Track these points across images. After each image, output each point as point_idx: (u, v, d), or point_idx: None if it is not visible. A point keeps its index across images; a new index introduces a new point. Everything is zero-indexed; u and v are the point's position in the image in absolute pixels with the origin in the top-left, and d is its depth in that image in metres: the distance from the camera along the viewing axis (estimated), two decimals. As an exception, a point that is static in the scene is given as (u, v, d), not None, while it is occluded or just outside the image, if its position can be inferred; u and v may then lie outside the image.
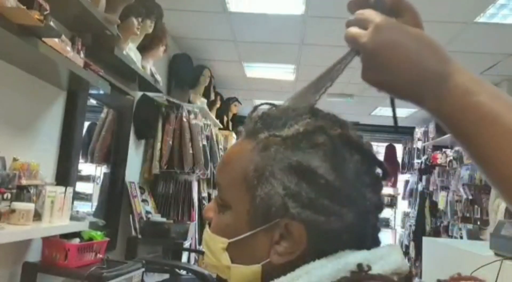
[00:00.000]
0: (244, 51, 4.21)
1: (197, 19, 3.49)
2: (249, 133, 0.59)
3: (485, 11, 2.99)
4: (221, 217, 0.60)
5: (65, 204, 1.92)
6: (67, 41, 1.81)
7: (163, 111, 3.45)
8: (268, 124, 0.57)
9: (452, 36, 3.46)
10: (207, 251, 0.61)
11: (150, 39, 2.89)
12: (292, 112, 0.57)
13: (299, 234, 0.52)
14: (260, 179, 0.54)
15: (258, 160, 0.55)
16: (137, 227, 3.03)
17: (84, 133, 2.66)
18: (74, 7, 1.86)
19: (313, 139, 0.54)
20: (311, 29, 3.51)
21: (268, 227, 0.54)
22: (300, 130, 0.54)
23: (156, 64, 3.15)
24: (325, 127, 0.55)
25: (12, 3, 1.41)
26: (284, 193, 0.52)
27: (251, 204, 0.55)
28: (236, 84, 5.45)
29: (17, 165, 1.77)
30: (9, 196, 1.65)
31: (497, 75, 4.37)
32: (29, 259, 2.02)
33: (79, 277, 1.95)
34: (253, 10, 3.23)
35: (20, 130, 1.95)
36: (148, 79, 2.86)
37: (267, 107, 0.61)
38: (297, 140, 0.54)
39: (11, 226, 1.61)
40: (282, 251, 0.54)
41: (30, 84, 1.98)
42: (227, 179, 0.59)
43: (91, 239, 2.12)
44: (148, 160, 3.42)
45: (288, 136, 0.54)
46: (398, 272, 0.52)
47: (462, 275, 0.53)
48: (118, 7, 2.22)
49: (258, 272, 0.56)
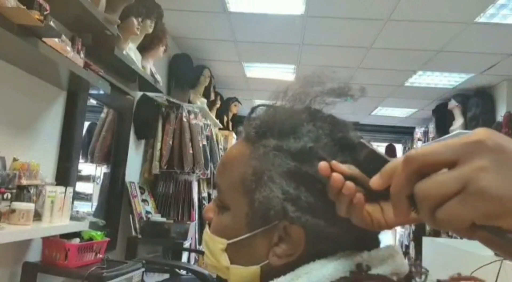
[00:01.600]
0: (244, 51, 4.21)
1: (197, 19, 3.49)
2: (247, 137, 0.58)
3: (485, 11, 2.99)
4: (220, 218, 0.60)
5: (65, 204, 1.92)
6: (67, 41, 1.81)
7: (163, 111, 3.45)
8: (266, 128, 0.56)
9: (452, 36, 3.45)
10: (206, 252, 0.61)
11: (150, 39, 2.89)
12: (292, 117, 0.56)
13: (298, 237, 0.52)
14: (259, 183, 0.54)
15: (257, 164, 0.54)
16: (137, 227, 3.03)
17: (84, 133, 2.66)
18: (74, 7, 1.86)
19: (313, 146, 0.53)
20: (311, 29, 3.51)
21: (267, 229, 0.54)
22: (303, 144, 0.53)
23: (156, 64, 3.15)
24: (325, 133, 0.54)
25: (12, 3, 1.41)
26: (283, 197, 0.52)
27: (249, 207, 0.55)
28: (236, 84, 5.44)
29: (17, 165, 1.77)
30: (9, 196, 1.65)
31: (497, 75, 4.37)
32: (29, 259, 2.02)
33: (79, 277, 1.95)
34: (253, 10, 3.23)
35: (20, 130, 1.95)
36: (148, 79, 2.86)
37: (265, 109, 0.60)
38: (299, 152, 0.53)
39: (11, 226, 1.61)
40: (281, 253, 0.53)
41: (30, 84, 1.98)
42: (226, 182, 0.59)
43: (91, 239, 2.12)
44: (148, 160, 3.42)
45: (290, 146, 0.53)
46: (397, 272, 0.52)
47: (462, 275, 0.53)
48: (118, 7, 2.22)
49: (257, 273, 0.56)
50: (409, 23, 3.29)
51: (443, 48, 3.73)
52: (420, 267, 0.52)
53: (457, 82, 4.75)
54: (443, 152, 0.36)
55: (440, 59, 4.00)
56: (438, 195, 0.35)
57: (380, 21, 3.28)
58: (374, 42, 3.71)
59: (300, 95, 0.58)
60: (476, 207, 0.33)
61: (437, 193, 0.35)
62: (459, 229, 0.35)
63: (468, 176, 0.33)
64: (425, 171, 0.36)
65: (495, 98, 4.73)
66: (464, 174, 0.34)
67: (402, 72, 4.54)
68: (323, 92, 0.58)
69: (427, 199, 0.35)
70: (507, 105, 4.46)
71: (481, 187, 0.33)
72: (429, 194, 0.35)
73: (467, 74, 4.44)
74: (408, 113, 6.44)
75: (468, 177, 0.33)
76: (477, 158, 0.34)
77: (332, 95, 0.57)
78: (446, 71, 4.46)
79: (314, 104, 0.58)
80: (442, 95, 5.31)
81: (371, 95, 5.52)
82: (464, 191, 0.33)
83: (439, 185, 0.35)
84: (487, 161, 0.33)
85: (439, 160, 0.36)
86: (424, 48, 3.78)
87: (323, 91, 0.58)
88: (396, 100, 5.74)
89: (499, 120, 4.36)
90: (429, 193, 0.35)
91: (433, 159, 0.36)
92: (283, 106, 0.58)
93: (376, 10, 3.11)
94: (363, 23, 3.34)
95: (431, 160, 0.36)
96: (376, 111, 6.42)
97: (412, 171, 0.37)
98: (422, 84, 4.92)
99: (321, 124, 0.55)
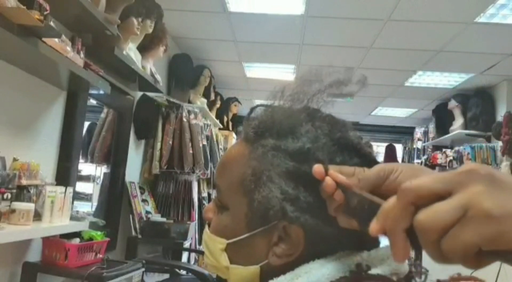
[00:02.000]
0: (244, 51, 4.21)
1: (197, 19, 3.49)
2: (246, 137, 0.58)
3: (485, 11, 2.99)
4: (220, 218, 0.60)
5: (65, 204, 1.92)
6: (67, 41, 1.81)
7: (163, 111, 3.45)
8: (265, 128, 0.56)
9: (452, 36, 3.46)
10: (206, 251, 0.61)
11: (150, 39, 2.89)
12: (290, 117, 0.56)
13: (297, 237, 0.52)
14: (258, 183, 0.54)
15: (256, 164, 0.54)
16: (137, 227, 3.03)
17: (84, 133, 2.66)
18: (74, 7, 1.86)
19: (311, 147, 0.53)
20: (311, 29, 3.51)
21: (266, 229, 0.54)
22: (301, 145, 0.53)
23: (156, 64, 3.15)
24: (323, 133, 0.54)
25: (12, 3, 1.41)
26: (282, 197, 0.52)
27: (249, 207, 0.55)
28: (236, 84, 5.44)
29: (17, 165, 1.77)
30: (9, 196, 1.65)
31: (497, 75, 4.37)
32: (29, 259, 2.02)
33: (79, 277, 1.95)
34: (253, 10, 3.23)
35: (20, 130, 1.95)
36: (148, 79, 2.86)
37: (264, 109, 0.60)
38: (297, 151, 0.53)
39: (11, 226, 1.61)
40: (280, 253, 0.53)
41: (30, 84, 1.98)
42: (225, 182, 0.59)
43: (91, 239, 2.12)
44: (148, 160, 3.42)
45: (289, 146, 0.54)
46: (397, 272, 0.52)
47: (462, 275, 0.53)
48: (118, 7, 2.22)
49: (256, 273, 0.56)
50: (409, 23, 3.29)
51: (443, 48, 3.73)
52: (420, 267, 0.52)
53: (457, 82, 4.75)
54: (438, 183, 0.36)
55: (440, 59, 4.00)
56: (441, 223, 0.34)
57: (380, 21, 3.28)
58: (374, 42, 3.71)
59: (298, 95, 0.58)
60: (481, 229, 0.33)
61: (439, 222, 0.34)
62: (467, 257, 0.34)
63: (468, 201, 0.33)
64: (421, 203, 0.36)
65: (495, 98, 4.73)
66: (463, 200, 0.34)
67: (402, 72, 4.54)
68: (320, 90, 0.58)
69: (429, 229, 0.35)
70: (507, 105, 4.46)
71: (483, 209, 0.33)
72: (431, 223, 0.34)
73: (467, 74, 4.43)
74: (408, 113, 6.44)
75: (468, 201, 0.33)
76: (472, 184, 0.34)
77: (331, 90, 0.57)
78: (446, 71, 4.46)
79: (313, 103, 0.58)
80: (442, 95, 5.31)
81: (371, 95, 5.52)
82: (466, 216, 0.33)
83: (440, 213, 0.34)
84: (482, 186, 0.34)
85: (435, 190, 0.36)
86: (424, 48, 3.78)
87: (320, 89, 0.58)
88: (396, 100, 5.74)
89: (499, 120, 4.35)
90: (431, 223, 0.34)
91: (428, 189, 0.36)
92: (282, 106, 0.58)
93: (376, 10, 3.11)
94: (363, 23, 3.34)
95: (427, 191, 0.36)
96: (376, 111, 6.42)
97: (408, 202, 0.37)
98: (422, 84, 4.92)
99: (320, 124, 0.55)
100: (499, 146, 4.29)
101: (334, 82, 0.57)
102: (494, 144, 4.48)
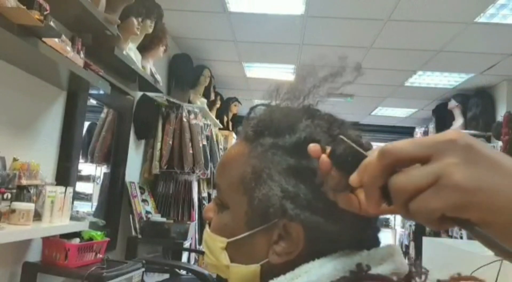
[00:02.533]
0: (244, 51, 4.21)
1: (197, 19, 3.50)
2: (246, 136, 0.58)
3: (485, 11, 2.99)
4: (220, 216, 0.60)
5: (65, 204, 1.92)
6: (67, 41, 1.81)
7: (163, 111, 3.45)
8: (265, 127, 0.56)
9: (452, 36, 3.46)
10: (206, 251, 0.61)
11: (150, 39, 2.89)
12: (289, 115, 0.56)
13: (298, 235, 0.52)
14: (258, 181, 0.54)
15: (256, 162, 0.55)
16: (137, 227, 3.03)
17: (84, 133, 2.66)
18: (74, 7, 1.86)
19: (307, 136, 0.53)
20: (311, 29, 3.51)
21: (266, 228, 0.54)
22: (298, 136, 0.54)
23: (156, 64, 3.15)
24: (322, 130, 0.54)
25: (12, 3, 1.41)
26: (282, 195, 0.52)
27: (249, 206, 0.55)
28: (236, 84, 5.45)
29: (17, 165, 1.77)
30: (9, 196, 1.65)
31: (497, 75, 4.37)
32: (29, 259, 2.02)
33: (79, 277, 1.95)
34: (253, 10, 3.23)
35: (20, 130, 1.95)
36: (148, 79, 2.86)
37: (263, 108, 0.60)
38: (295, 145, 0.53)
39: (11, 226, 1.61)
40: (281, 251, 0.53)
41: (30, 84, 1.98)
42: (226, 181, 0.59)
43: (91, 239, 2.12)
44: (148, 160, 3.42)
45: (286, 142, 0.54)
46: (397, 272, 0.52)
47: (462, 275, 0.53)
48: (118, 7, 2.22)
49: (257, 271, 0.56)
50: (409, 23, 3.29)
51: (443, 48, 3.73)
52: (420, 267, 0.52)
53: (457, 82, 4.75)
54: (418, 148, 0.38)
55: (440, 59, 4.00)
56: (412, 188, 0.37)
57: (380, 21, 3.28)
58: (374, 42, 3.71)
59: (294, 92, 0.58)
60: (448, 198, 0.35)
61: (411, 186, 0.37)
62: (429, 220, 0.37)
63: (441, 171, 0.36)
64: (399, 165, 0.39)
65: (495, 98, 4.73)
66: (437, 169, 0.36)
67: (402, 72, 4.54)
68: (315, 85, 0.58)
69: (401, 191, 0.38)
70: (507, 105, 4.46)
71: (453, 180, 0.35)
72: (404, 187, 0.37)
73: (467, 74, 4.44)
74: (408, 113, 6.44)
75: (441, 171, 0.36)
76: (449, 155, 0.36)
77: (327, 84, 0.57)
78: (446, 71, 4.46)
79: (309, 99, 0.58)
80: (442, 95, 5.31)
81: (371, 95, 5.52)
82: (436, 184, 0.36)
83: (414, 179, 0.37)
84: (458, 158, 0.36)
85: (413, 155, 0.38)
86: (424, 48, 3.78)
87: (315, 84, 0.58)
88: (396, 100, 5.74)
89: (499, 120, 4.36)
90: (404, 186, 0.37)
91: (408, 154, 0.38)
92: (280, 105, 0.59)
93: (376, 10, 3.11)
94: (363, 23, 3.34)
95: (406, 155, 0.38)
96: (376, 111, 6.42)
97: (387, 164, 0.39)
98: (422, 84, 4.92)
99: (319, 122, 0.56)
100: (499, 146, 4.29)
101: (328, 75, 0.57)
102: (494, 144, 4.48)
